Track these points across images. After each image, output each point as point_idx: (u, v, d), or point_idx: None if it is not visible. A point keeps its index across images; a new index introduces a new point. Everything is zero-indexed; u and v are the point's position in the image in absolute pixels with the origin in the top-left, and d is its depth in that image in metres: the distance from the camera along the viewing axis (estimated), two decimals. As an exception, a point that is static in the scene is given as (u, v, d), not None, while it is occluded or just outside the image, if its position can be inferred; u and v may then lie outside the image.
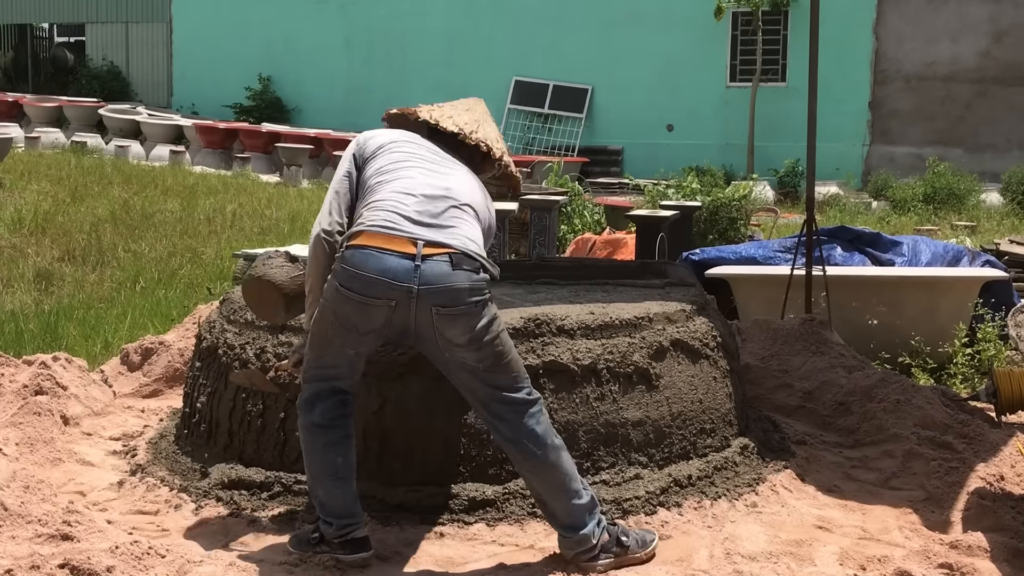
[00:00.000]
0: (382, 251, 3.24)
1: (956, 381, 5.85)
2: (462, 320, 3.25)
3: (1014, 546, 3.55)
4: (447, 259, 3.24)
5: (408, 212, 3.33)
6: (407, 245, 3.25)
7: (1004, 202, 15.65)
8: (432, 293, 3.22)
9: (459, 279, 3.24)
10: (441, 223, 3.33)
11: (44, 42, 30.24)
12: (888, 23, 18.86)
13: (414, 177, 3.44)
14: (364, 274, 3.23)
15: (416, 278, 3.21)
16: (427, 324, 3.26)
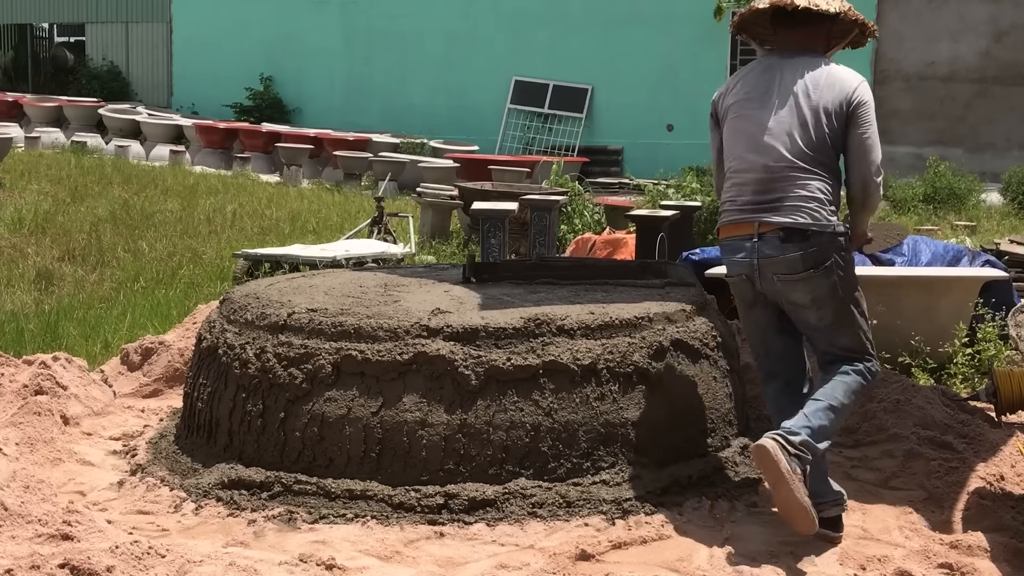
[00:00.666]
0: (731, 239, 3.77)
1: (956, 381, 5.85)
2: (801, 285, 3.64)
3: (1014, 546, 3.55)
4: (777, 236, 3.64)
5: (745, 193, 3.75)
6: (747, 228, 3.71)
7: (1004, 202, 15.64)
8: (771, 264, 3.66)
9: (789, 253, 3.62)
10: (771, 198, 3.67)
11: (44, 42, 30.23)
12: (888, 23, 18.85)
13: (746, 137, 3.82)
14: (727, 259, 3.82)
15: (755, 254, 3.68)
16: (774, 291, 3.72)
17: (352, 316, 4.03)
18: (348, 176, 17.23)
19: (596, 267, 5.36)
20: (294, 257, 8.34)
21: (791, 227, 3.62)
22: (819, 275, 3.61)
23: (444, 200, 11.93)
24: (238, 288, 4.77)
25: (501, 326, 3.93)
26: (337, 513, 3.71)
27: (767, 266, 3.66)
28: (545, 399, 3.84)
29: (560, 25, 20.97)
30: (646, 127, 20.32)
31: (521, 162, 17.13)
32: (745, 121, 3.86)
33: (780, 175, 3.67)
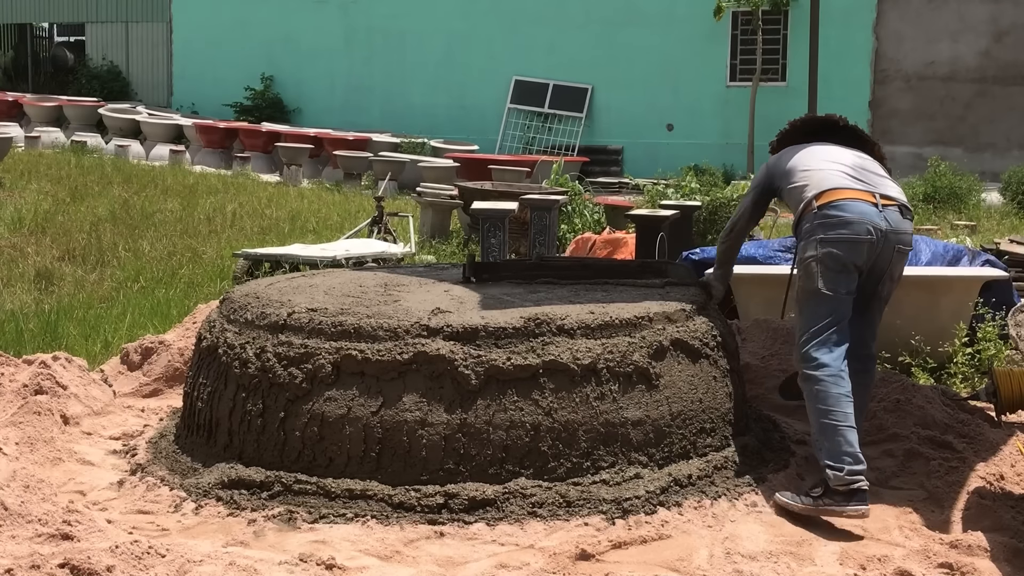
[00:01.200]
0: (854, 200, 3.94)
1: (956, 381, 5.85)
2: (905, 259, 4.07)
3: (1014, 546, 3.55)
4: (897, 209, 4.00)
5: (846, 170, 4.07)
6: (866, 195, 3.98)
7: (1004, 202, 15.64)
8: (896, 235, 3.96)
9: (906, 227, 4.03)
10: (875, 179, 4.07)
11: (44, 42, 30.23)
12: (888, 23, 18.86)
13: (830, 154, 4.21)
14: (850, 217, 3.92)
15: (885, 221, 3.94)
16: (887, 260, 4.00)
17: (352, 316, 4.03)
18: (348, 176, 17.23)
19: (597, 267, 5.35)
20: (294, 257, 8.34)
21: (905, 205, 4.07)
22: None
23: (444, 200, 11.93)
24: (238, 288, 4.77)
25: (501, 326, 3.92)
26: (337, 513, 3.70)
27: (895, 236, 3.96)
28: (545, 399, 3.84)
29: (560, 25, 20.97)
30: (646, 127, 20.32)
31: (521, 162, 17.12)
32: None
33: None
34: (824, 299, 3.93)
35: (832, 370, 3.88)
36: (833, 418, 3.83)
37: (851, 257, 3.92)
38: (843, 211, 3.93)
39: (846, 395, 3.86)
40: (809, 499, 3.76)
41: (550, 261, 5.87)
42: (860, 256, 3.92)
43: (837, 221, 3.92)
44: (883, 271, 4.02)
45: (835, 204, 3.94)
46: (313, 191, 15.91)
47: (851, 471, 3.71)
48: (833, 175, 4.03)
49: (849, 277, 3.94)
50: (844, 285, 3.93)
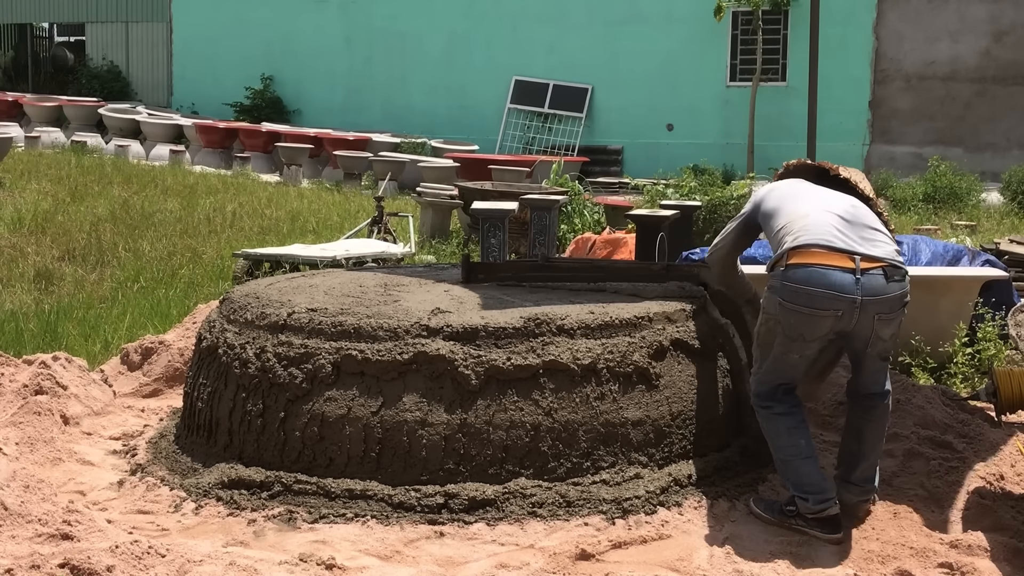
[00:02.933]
0: (825, 267, 3.63)
1: (956, 381, 5.85)
2: (894, 322, 3.72)
3: (1014, 546, 3.55)
4: (881, 272, 3.64)
5: (833, 222, 3.75)
6: (844, 260, 3.64)
7: (1004, 202, 15.63)
8: (875, 303, 3.63)
9: (892, 290, 3.65)
10: (864, 235, 3.74)
11: (44, 42, 30.23)
12: (888, 23, 18.85)
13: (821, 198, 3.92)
14: (810, 289, 3.63)
15: (860, 291, 3.61)
16: (867, 327, 3.67)
17: (352, 316, 4.03)
18: (348, 176, 17.22)
19: (608, 269, 5.00)
20: (294, 257, 8.34)
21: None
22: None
23: (444, 200, 11.93)
24: (238, 288, 4.77)
25: (501, 326, 3.93)
26: (337, 513, 3.71)
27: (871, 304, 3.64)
28: (545, 399, 3.84)
29: (560, 25, 20.96)
30: (646, 127, 20.31)
31: (521, 162, 17.12)
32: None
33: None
34: (777, 357, 3.76)
35: (780, 408, 3.78)
36: (786, 452, 3.75)
37: (808, 331, 3.65)
38: (808, 282, 3.61)
39: (795, 427, 3.74)
40: (783, 515, 3.73)
41: (554, 263, 5.33)
42: (820, 330, 3.65)
43: (799, 291, 3.62)
44: (865, 338, 3.71)
45: (804, 269, 3.62)
46: (313, 191, 15.90)
47: (817, 500, 3.65)
48: (817, 226, 3.72)
49: (806, 345, 3.70)
50: (798, 351, 3.71)
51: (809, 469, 3.71)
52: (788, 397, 3.80)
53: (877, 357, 3.79)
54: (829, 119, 16.55)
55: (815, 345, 3.71)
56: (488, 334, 3.90)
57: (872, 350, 3.76)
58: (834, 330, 3.66)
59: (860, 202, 3.93)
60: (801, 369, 3.80)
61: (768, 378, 3.81)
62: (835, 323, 3.63)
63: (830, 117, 16.50)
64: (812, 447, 3.77)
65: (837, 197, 3.91)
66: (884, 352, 3.80)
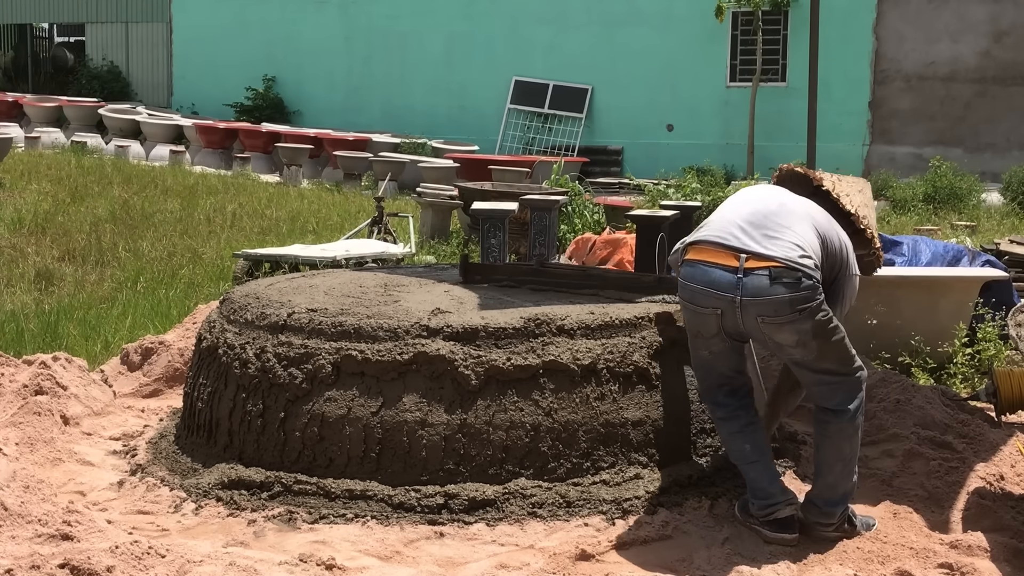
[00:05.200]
0: (707, 264, 3.56)
1: (956, 381, 5.85)
2: (788, 327, 3.48)
3: (1014, 546, 3.55)
4: (767, 274, 3.46)
5: (739, 220, 3.63)
6: (729, 258, 3.54)
7: (1004, 202, 15.63)
8: (755, 304, 3.47)
9: (777, 292, 3.45)
10: (768, 233, 3.55)
11: (44, 42, 30.22)
12: (888, 23, 18.85)
13: (758, 194, 3.80)
14: (691, 285, 3.59)
15: (739, 290, 3.49)
16: (755, 329, 3.53)
17: (352, 316, 4.03)
18: (348, 176, 17.22)
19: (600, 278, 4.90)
20: (294, 257, 8.34)
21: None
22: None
23: (444, 200, 11.92)
24: (238, 288, 4.77)
25: (501, 326, 3.93)
26: (337, 513, 3.71)
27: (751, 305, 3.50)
28: (545, 399, 3.84)
29: (560, 25, 20.95)
30: (646, 127, 20.31)
31: (521, 162, 17.12)
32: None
33: None
34: (692, 357, 3.79)
35: (721, 412, 3.75)
36: (734, 456, 3.75)
37: (701, 328, 3.63)
38: (692, 279, 3.60)
39: (737, 432, 3.70)
40: (745, 514, 3.71)
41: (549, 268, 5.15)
42: (708, 327, 3.60)
43: (685, 287, 3.63)
44: (763, 341, 3.60)
45: (691, 266, 3.62)
46: (313, 191, 15.90)
47: (762, 505, 3.61)
48: (718, 223, 3.68)
49: (707, 342, 3.65)
50: (704, 347, 3.67)
51: (755, 474, 3.65)
52: (729, 400, 3.73)
53: (803, 369, 3.60)
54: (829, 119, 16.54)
55: (717, 343, 3.63)
56: (488, 334, 3.90)
57: (784, 356, 3.64)
58: (725, 329, 3.57)
59: (797, 205, 3.69)
60: (722, 368, 3.69)
61: (698, 376, 3.83)
62: (720, 321, 3.55)
63: (830, 117, 16.50)
64: (759, 451, 3.69)
65: (767, 198, 3.73)
66: (804, 361, 3.56)
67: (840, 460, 3.62)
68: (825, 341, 3.51)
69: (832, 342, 3.53)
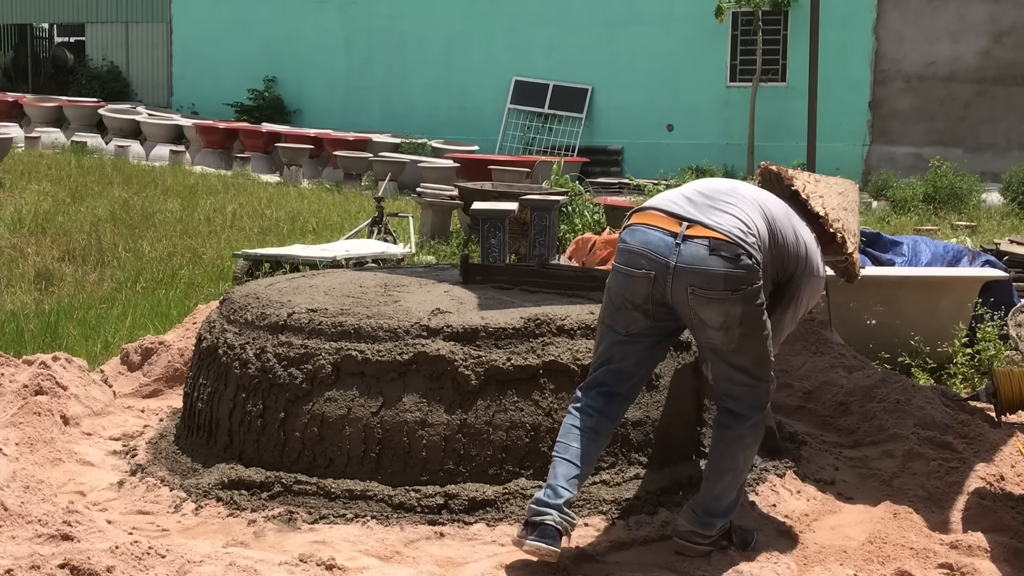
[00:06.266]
0: (648, 227, 3.42)
1: (956, 381, 5.85)
2: (716, 305, 3.32)
3: (1014, 546, 3.55)
4: (707, 244, 3.33)
5: (686, 192, 3.51)
6: (671, 224, 3.40)
7: (1004, 202, 15.64)
8: (689, 273, 3.33)
9: (713, 264, 3.31)
10: (715, 206, 3.42)
11: (44, 42, 30.23)
12: (888, 23, 18.85)
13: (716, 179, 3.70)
14: (629, 246, 3.44)
15: (677, 256, 3.34)
16: (683, 301, 3.37)
17: (352, 316, 4.03)
18: (348, 176, 17.22)
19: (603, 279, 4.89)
20: (294, 257, 8.34)
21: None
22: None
23: (444, 200, 11.93)
24: (238, 288, 4.77)
25: (501, 326, 3.93)
26: (337, 513, 3.71)
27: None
28: (545, 399, 3.84)
29: (560, 25, 20.96)
30: (646, 127, 20.32)
31: (521, 162, 17.12)
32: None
33: None
34: (602, 333, 3.56)
35: (577, 402, 3.53)
36: (557, 445, 3.48)
37: (626, 293, 3.44)
38: (629, 239, 3.44)
39: (573, 426, 3.46)
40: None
41: (550, 269, 5.11)
42: (636, 294, 3.41)
43: (622, 250, 3.46)
44: (688, 316, 3.40)
45: (631, 228, 3.47)
46: (313, 191, 15.90)
47: (540, 501, 3.34)
48: (666, 193, 3.56)
49: (628, 316, 3.45)
50: (622, 324, 3.47)
51: (558, 471, 3.40)
52: (596, 401, 3.51)
53: (719, 359, 3.45)
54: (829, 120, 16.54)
55: (638, 319, 3.44)
56: (488, 334, 3.90)
57: (705, 339, 3.44)
58: (652, 297, 3.39)
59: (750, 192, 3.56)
60: (623, 358, 3.50)
61: (593, 360, 3.59)
62: (650, 287, 3.37)
63: (830, 118, 16.49)
64: (582, 459, 3.41)
65: (724, 183, 3.63)
66: (723, 349, 3.41)
67: (732, 470, 3.49)
68: (749, 333, 3.36)
69: (756, 337, 3.39)
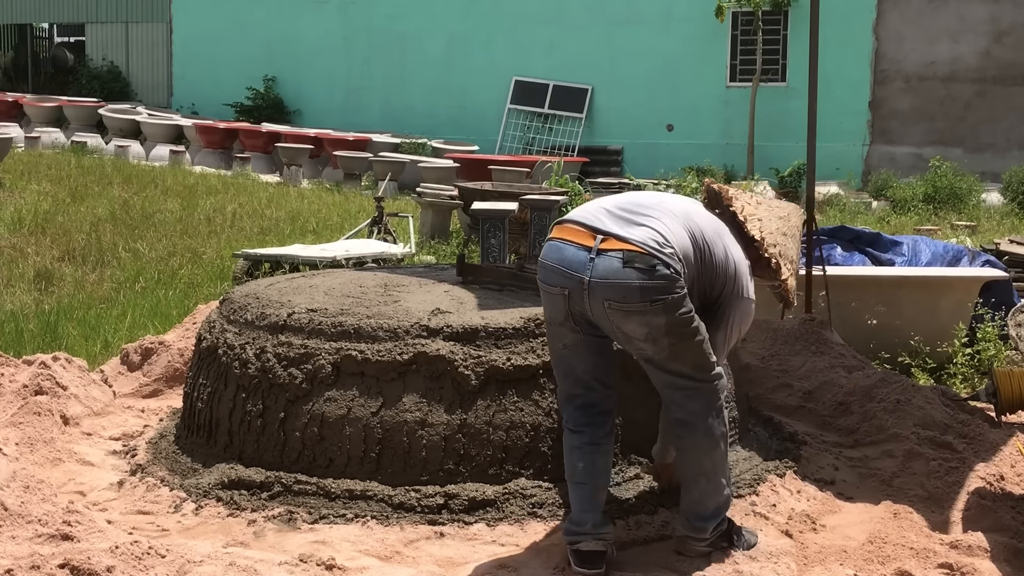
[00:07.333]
0: (564, 242, 3.35)
1: (956, 381, 5.85)
2: (636, 317, 3.24)
3: (1014, 546, 3.55)
4: (620, 256, 3.25)
5: (607, 205, 3.43)
6: (586, 238, 3.32)
7: (1004, 202, 15.64)
8: (603, 287, 3.25)
9: (628, 277, 3.22)
10: (634, 219, 3.34)
11: (44, 42, 30.22)
12: (888, 23, 18.85)
13: (646, 192, 3.61)
14: (545, 262, 3.38)
15: (590, 271, 3.26)
16: (602, 316, 3.29)
17: (352, 316, 4.03)
18: (348, 176, 17.22)
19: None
20: (294, 257, 8.34)
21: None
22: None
23: (444, 200, 11.93)
24: (238, 288, 4.77)
25: (501, 326, 3.93)
26: (337, 513, 3.71)
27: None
28: (545, 399, 3.84)
29: (560, 25, 20.96)
30: (646, 127, 20.31)
31: (521, 162, 17.12)
32: None
33: None
34: (551, 352, 3.55)
35: (570, 424, 3.50)
36: (566, 471, 3.50)
37: (549, 310, 3.41)
38: (547, 256, 3.37)
39: (576, 447, 3.45)
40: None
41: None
42: (557, 311, 3.36)
43: (539, 264, 3.41)
44: (611, 331, 3.32)
45: (547, 244, 3.41)
46: (313, 191, 15.90)
47: (569, 529, 3.38)
48: (587, 206, 3.47)
49: (559, 331, 3.41)
50: (557, 338, 3.43)
51: (576, 495, 3.42)
52: (579, 414, 3.47)
53: (654, 368, 3.37)
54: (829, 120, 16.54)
55: (568, 333, 3.38)
56: (488, 334, 3.90)
57: (634, 351, 3.36)
58: (572, 314, 3.33)
59: (677, 206, 3.47)
60: (578, 369, 3.44)
61: (556, 378, 3.57)
62: (567, 304, 3.31)
63: (830, 118, 16.49)
64: (590, 474, 3.42)
65: (652, 196, 3.55)
66: (655, 359, 3.33)
67: (702, 475, 3.42)
68: (679, 341, 3.28)
69: (688, 343, 3.30)
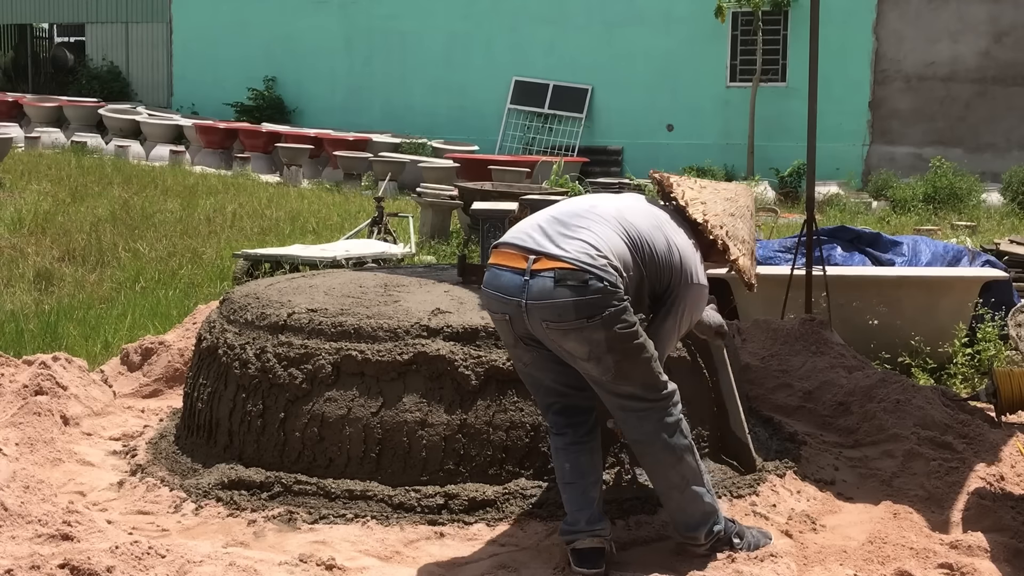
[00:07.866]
0: (500, 268, 3.33)
1: (956, 381, 5.85)
2: (575, 335, 3.19)
3: (1014, 546, 3.55)
4: (552, 276, 3.19)
5: (540, 220, 3.38)
6: (520, 260, 3.27)
7: (1004, 202, 15.64)
8: (539, 308, 3.21)
9: (560, 295, 3.16)
10: (566, 232, 3.28)
11: (44, 42, 30.21)
12: (888, 23, 18.85)
13: (582, 198, 3.56)
14: (485, 290, 3.38)
15: (525, 294, 3.23)
16: (544, 336, 3.27)
17: (352, 316, 4.03)
18: (348, 176, 17.22)
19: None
20: (294, 257, 8.34)
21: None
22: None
23: (444, 200, 11.93)
24: (238, 288, 4.77)
25: (501, 326, 3.92)
26: (337, 513, 3.71)
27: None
28: (545, 399, 3.84)
29: (560, 25, 20.96)
30: (646, 127, 20.31)
31: (521, 162, 17.12)
32: None
33: None
34: (516, 368, 3.57)
35: (554, 428, 3.50)
36: (556, 473, 3.51)
37: (502, 335, 3.45)
38: (487, 284, 3.37)
39: (560, 449, 3.44)
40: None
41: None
42: (506, 334, 3.39)
43: (482, 293, 3.42)
44: (556, 351, 3.29)
45: (487, 270, 3.40)
46: (313, 191, 15.90)
47: (565, 530, 3.40)
48: (521, 224, 3.43)
49: (515, 352, 3.43)
50: (516, 359, 3.46)
51: (567, 496, 3.43)
52: (559, 418, 3.47)
53: (602, 390, 3.30)
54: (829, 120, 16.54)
55: (523, 353, 3.38)
56: (488, 334, 3.90)
57: (581, 371, 3.30)
58: (519, 336, 3.33)
59: (609, 207, 3.42)
60: (546, 381, 3.43)
61: (529, 391, 3.61)
62: (511, 328, 3.31)
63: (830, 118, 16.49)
64: (579, 473, 3.42)
65: (584, 201, 3.49)
66: (601, 380, 3.26)
67: (673, 488, 3.38)
68: (623, 358, 3.20)
69: (634, 360, 3.22)
